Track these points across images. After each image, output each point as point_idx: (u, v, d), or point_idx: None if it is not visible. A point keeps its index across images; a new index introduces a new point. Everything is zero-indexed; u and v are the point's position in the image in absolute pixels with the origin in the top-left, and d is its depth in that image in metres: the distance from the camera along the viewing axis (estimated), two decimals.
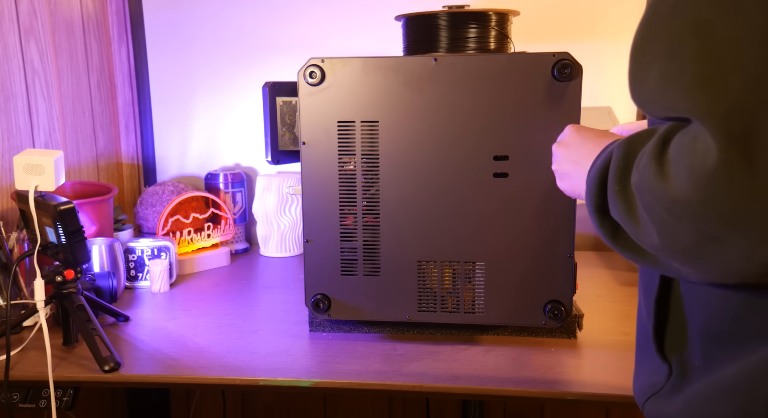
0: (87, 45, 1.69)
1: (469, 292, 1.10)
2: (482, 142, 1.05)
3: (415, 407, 1.86)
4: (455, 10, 1.13)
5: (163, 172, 1.88)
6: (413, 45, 1.18)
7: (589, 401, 0.96)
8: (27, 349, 1.11)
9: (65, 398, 1.05)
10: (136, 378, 1.04)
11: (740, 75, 0.48)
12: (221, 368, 1.05)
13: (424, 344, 1.13)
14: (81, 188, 1.55)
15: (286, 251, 1.70)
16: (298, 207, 1.68)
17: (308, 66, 1.06)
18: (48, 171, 1.08)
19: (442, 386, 1.00)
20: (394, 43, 1.27)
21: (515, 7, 1.21)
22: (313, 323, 1.19)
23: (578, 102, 1.02)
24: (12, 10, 1.41)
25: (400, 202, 1.08)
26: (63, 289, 1.12)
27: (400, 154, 1.07)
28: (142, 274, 1.45)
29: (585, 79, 1.02)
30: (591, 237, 1.70)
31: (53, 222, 1.07)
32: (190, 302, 1.36)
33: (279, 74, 1.46)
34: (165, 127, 1.86)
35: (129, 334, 1.19)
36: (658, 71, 0.53)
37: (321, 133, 1.08)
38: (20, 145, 1.44)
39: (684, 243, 0.52)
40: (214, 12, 1.77)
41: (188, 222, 1.60)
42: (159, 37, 1.81)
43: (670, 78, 0.52)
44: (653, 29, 0.54)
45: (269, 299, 1.38)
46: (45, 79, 1.51)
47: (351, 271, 1.12)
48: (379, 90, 1.06)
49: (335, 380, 1.01)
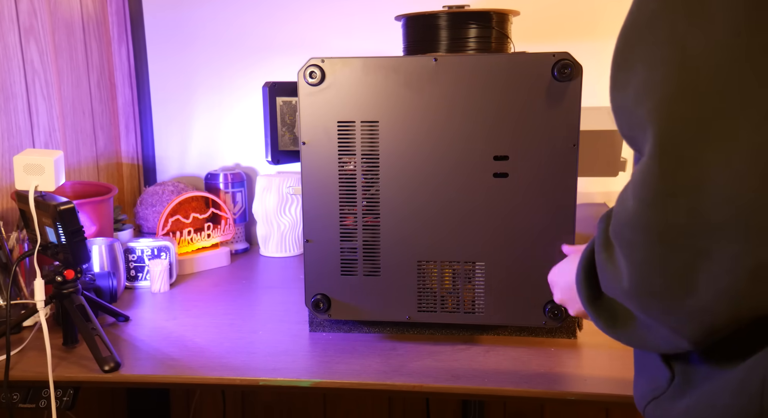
0: (87, 45, 1.69)
1: (469, 292, 1.10)
2: (482, 142, 1.05)
3: (415, 407, 1.86)
4: (455, 10, 1.13)
5: (163, 172, 1.88)
6: (413, 45, 1.18)
7: (589, 401, 0.96)
8: (27, 349, 1.11)
9: (65, 398, 1.05)
10: (136, 378, 1.04)
11: (698, 107, 0.49)
12: (221, 368, 1.05)
13: (424, 344, 1.13)
14: (81, 188, 1.55)
15: (286, 251, 1.70)
16: (298, 207, 1.68)
17: (308, 66, 1.06)
18: (48, 171, 1.08)
19: (442, 386, 1.00)
20: (394, 43, 1.27)
21: (515, 7, 1.21)
22: (313, 323, 1.19)
23: (578, 102, 1.02)
24: (12, 10, 1.41)
25: (400, 202, 1.08)
26: (63, 289, 1.12)
27: (400, 154, 1.07)
28: (142, 274, 1.45)
29: (585, 79, 1.02)
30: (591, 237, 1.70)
31: (53, 222, 1.07)
32: (190, 302, 1.36)
33: (279, 74, 1.46)
34: (165, 127, 1.86)
35: (129, 334, 1.19)
36: (637, 81, 0.53)
37: (321, 133, 1.08)
38: (20, 145, 1.44)
39: (652, 265, 0.55)
40: (214, 12, 1.77)
41: (188, 222, 1.60)
42: (159, 37, 1.81)
43: (644, 91, 0.53)
44: (633, 37, 0.55)
45: (269, 299, 1.38)
46: (45, 79, 1.51)
47: (351, 271, 1.12)
48: (379, 90, 1.06)
49: (335, 380, 1.01)
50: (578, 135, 1.03)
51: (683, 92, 0.50)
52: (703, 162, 0.49)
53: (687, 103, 0.50)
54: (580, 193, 1.05)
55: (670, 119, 0.50)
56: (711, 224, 0.50)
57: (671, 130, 0.50)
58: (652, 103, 0.51)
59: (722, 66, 0.48)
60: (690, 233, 0.51)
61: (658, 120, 0.51)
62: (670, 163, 0.50)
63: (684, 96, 0.50)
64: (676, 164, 0.50)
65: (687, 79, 0.50)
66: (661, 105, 0.51)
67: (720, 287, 0.51)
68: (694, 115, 0.49)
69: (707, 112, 0.49)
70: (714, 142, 0.49)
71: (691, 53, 0.49)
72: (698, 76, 0.49)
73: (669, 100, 0.51)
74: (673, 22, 0.51)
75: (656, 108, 0.51)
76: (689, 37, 0.50)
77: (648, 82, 0.52)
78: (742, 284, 0.50)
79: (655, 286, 0.55)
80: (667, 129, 0.50)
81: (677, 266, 0.53)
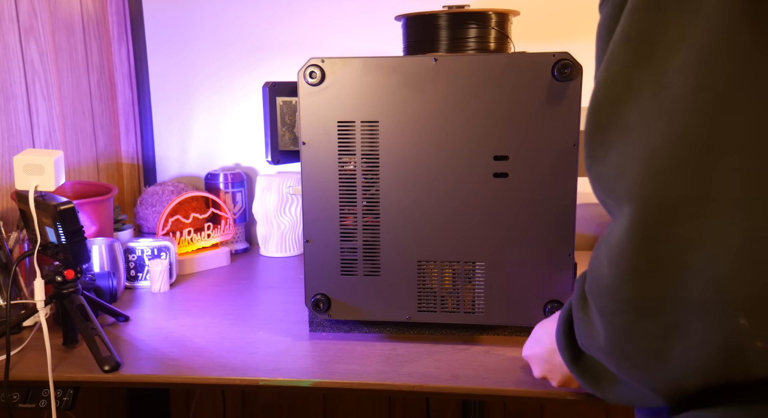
0: (87, 45, 1.69)
1: (469, 292, 1.10)
2: (482, 142, 1.05)
3: (415, 407, 1.86)
4: (455, 10, 1.13)
5: (163, 172, 1.88)
6: (413, 45, 1.18)
7: (589, 401, 0.96)
8: (27, 349, 1.11)
9: (65, 398, 1.05)
10: (136, 378, 1.04)
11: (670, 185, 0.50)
12: (221, 368, 1.05)
13: (424, 344, 1.13)
14: (81, 188, 1.55)
15: (286, 251, 1.70)
16: (298, 207, 1.68)
17: (308, 66, 1.06)
18: (48, 171, 1.08)
19: (442, 386, 1.00)
20: (394, 43, 1.27)
21: (515, 7, 1.21)
22: (313, 323, 1.19)
23: (578, 102, 1.02)
24: (12, 10, 1.41)
25: (400, 202, 1.08)
26: (63, 289, 1.12)
27: (400, 154, 1.07)
28: (142, 274, 1.45)
29: (585, 79, 1.02)
30: (591, 237, 1.70)
31: (53, 222, 1.07)
32: (190, 302, 1.36)
33: (279, 74, 1.46)
34: (165, 127, 1.86)
35: (129, 334, 1.19)
36: (617, 154, 0.54)
37: (321, 133, 1.08)
38: (20, 145, 1.44)
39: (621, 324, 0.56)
40: (214, 12, 1.77)
41: (188, 222, 1.60)
42: (159, 37, 1.81)
43: (623, 166, 0.53)
44: (606, 112, 0.56)
45: (269, 299, 1.38)
46: (45, 79, 1.51)
47: (351, 271, 1.12)
48: (379, 90, 1.06)
49: (335, 380, 1.01)
50: (578, 135, 1.03)
51: (657, 174, 0.51)
52: (680, 240, 0.50)
53: (660, 185, 0.50)
54: (580, 193, 1.05)
55: (645, 199, 0.51)
56: (685, 299, 0.50)
57: (647, 209, 0.51)
58: (630, 180, 0.52)
59: (688, 155, 0.49)
60: (664, 306, 0.51)
61: (636, 198, 0.52)
62: (645, 241, 0.51)
63: (657, 178, 0.51)
64: (652, 241, 0.50)
65: (659, 163, 0.51)
66: (634, 185, 0.52)
67: (691, 361, 0.52)
68: (669, 196, 0.50)
69: (682, 193, 0.50)
70: (689, 223, 0.49)
71: (656, 141, 0.51)
72: (668, 160, 0.50)
73: (642, 182, 0.51)
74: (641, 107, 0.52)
75: (633, 185, 0.52)
76: (654, 123, 0.51)
77: (625, 159, 0.53)
78: (713, 359, 0.51)
79: (629, 351, 0.55)
80: (644, 208, 0.51)
81: (651, 337, 0.53)
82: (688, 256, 0.49)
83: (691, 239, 0.49)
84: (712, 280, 0.49)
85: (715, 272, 0.49)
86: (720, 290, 0.49)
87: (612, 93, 0.55)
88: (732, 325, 0.49)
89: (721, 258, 0.49)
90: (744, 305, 0.48)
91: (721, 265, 0.49)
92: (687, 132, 0.49)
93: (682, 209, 0.49)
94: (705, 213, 0.49)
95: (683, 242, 0.50)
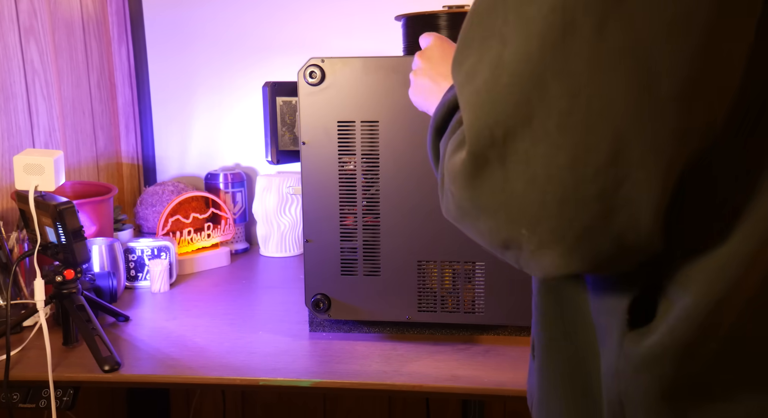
0: (87, 45, 1.69)
1: (469, 292, 1.10)
2: None
3: (415, 407, 1.86)
4: (455, 10, 1.13)
5: (163, 172, 1.88)
6: (413, 45, 1.18)
7: None
8: (27, 349, 1.11)
9: (65, 398, 1.05)
10: (136, 378, 1.04)
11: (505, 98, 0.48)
12: (221, 368, 1.05)
13: (424, 344, 1.13)
14: (81, 188, 1.55)
15: (286, 251, 1.70)
16: (298, 207, 1.68)
17: (308, 66, 1.06)
18: (48, 171, 1.08)
19: (442, 386, 1.00)
20: (394, 43, 1.27)
21: None
22: (313, 323, 1.19)
23: None
24: (12, 10, 1.41)
25: (399, 202, 1.08)
26: (63, 289, 1.12)
27: (400, 154, 1.07)
28: (142, 274, 1.45)
29: None
30: None
31: (53, 222, 1.07)
32: (190, 302, 1.36)
33: (279, 74, 1.46)
34: (165, 127, 1.86)
35: (129, 334, 1.19)
36: (475, 58, 0.53)
37: (321, 133, 1.08)
38: (20, 145, 1.44)
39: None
40: (214, 12, 1.77)
41: (188, 222, 1.60)
42: (159, 37, 1.81)
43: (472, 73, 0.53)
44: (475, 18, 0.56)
45: (269, 299, 1.38)
46: (45, 79, 1.51)
47: (351, 271, 1.12)
48: (379, 90, 1.06)
49: (335, 380, 1.01)
50: None
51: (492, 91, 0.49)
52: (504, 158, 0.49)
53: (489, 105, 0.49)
54: None
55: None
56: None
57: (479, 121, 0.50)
58: (472, 87, 0.51)
59: (523, 75, 0.47)
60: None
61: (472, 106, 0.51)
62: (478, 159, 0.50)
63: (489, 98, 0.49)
64: (484, 163, 0.49)
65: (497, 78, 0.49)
66: (474, 94, 0.51)
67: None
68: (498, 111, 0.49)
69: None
70: (517, 147, 0.48)
71: (506, 56, 0.49)
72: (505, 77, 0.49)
73: (478, 92, 0.50)
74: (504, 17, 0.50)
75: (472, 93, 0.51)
76: (509, 36, 0.49)
77: (475, 66, 0.52)
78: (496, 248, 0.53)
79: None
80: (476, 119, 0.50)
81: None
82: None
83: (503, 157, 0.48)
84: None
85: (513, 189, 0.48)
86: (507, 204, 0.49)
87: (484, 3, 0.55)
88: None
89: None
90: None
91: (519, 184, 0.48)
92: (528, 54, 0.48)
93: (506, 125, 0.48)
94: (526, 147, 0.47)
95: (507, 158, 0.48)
